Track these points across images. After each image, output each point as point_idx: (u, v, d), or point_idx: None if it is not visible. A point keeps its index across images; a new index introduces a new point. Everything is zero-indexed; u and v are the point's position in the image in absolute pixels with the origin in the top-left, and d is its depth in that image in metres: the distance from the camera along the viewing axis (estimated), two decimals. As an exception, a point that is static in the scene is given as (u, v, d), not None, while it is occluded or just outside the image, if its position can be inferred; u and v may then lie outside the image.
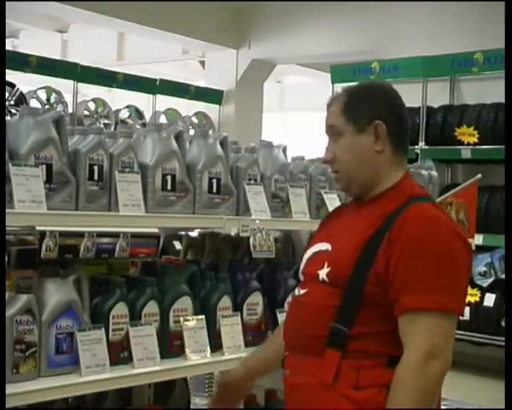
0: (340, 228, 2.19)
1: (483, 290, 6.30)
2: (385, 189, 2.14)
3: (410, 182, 2.20)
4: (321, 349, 2.04)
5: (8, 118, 2.68)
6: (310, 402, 2.07)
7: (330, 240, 2.16)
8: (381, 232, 2.02)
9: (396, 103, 2.19)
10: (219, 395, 2.49)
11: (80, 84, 7.87)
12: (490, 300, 6.29)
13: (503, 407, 2.65)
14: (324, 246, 2.17)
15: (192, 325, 2.88)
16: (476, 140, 6.39)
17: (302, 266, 2.24)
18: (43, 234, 3.21)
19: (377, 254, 2.00)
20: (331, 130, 2.17)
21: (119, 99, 10.34)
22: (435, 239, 1.99)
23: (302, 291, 2.18)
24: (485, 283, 6.33)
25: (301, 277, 2.23)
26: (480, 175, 4.07)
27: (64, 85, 8.02)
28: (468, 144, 6.38)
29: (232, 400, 2.50)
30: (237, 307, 3.10)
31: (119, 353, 2.67)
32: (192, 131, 8.30)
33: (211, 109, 9.12)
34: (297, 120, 14.61)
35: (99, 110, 8.17)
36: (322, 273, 2.08)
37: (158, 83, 8.53)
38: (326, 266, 2.09)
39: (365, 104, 2.14)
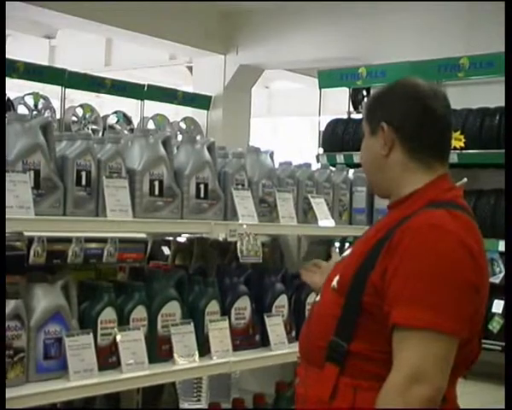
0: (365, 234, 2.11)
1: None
2: (405, 194, 2.00)
3: (438, 187, 2.01)
4: (321, 362, 1.93)
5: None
6: None
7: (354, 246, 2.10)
8: (383, 240, 1.89)
9: (418, 105, 1.98)
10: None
11: (68, 90, 7.86)
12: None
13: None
14: (349, 251, 2.11)
15: (180, 330, 2.89)
16: (463, 145, 6.42)
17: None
18: (31, 240, 3.22)
19: (376, 263, 1.87)
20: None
21: (107, 105, 10.34)
22: (436, 249, 1.81)
23: (318, 298, 2.10)
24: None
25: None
26: (465, 179, 4.05)
27: (52, 91, 8.01)
28: (455, 149, 6.39)
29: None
30: (225, 311, 3.11)
31: (108, 358, 2.67)
32: (180, 137, 8.30)
33: (199, 115, 9.13)
34: (285, 125, 14.64)
35: (87, 116, 8.16)
36: (335, 280, 1.98)
37: (146, 88, 8.53)
38: (340, 272, 2.00)
39: (380, 105, 2.04)
